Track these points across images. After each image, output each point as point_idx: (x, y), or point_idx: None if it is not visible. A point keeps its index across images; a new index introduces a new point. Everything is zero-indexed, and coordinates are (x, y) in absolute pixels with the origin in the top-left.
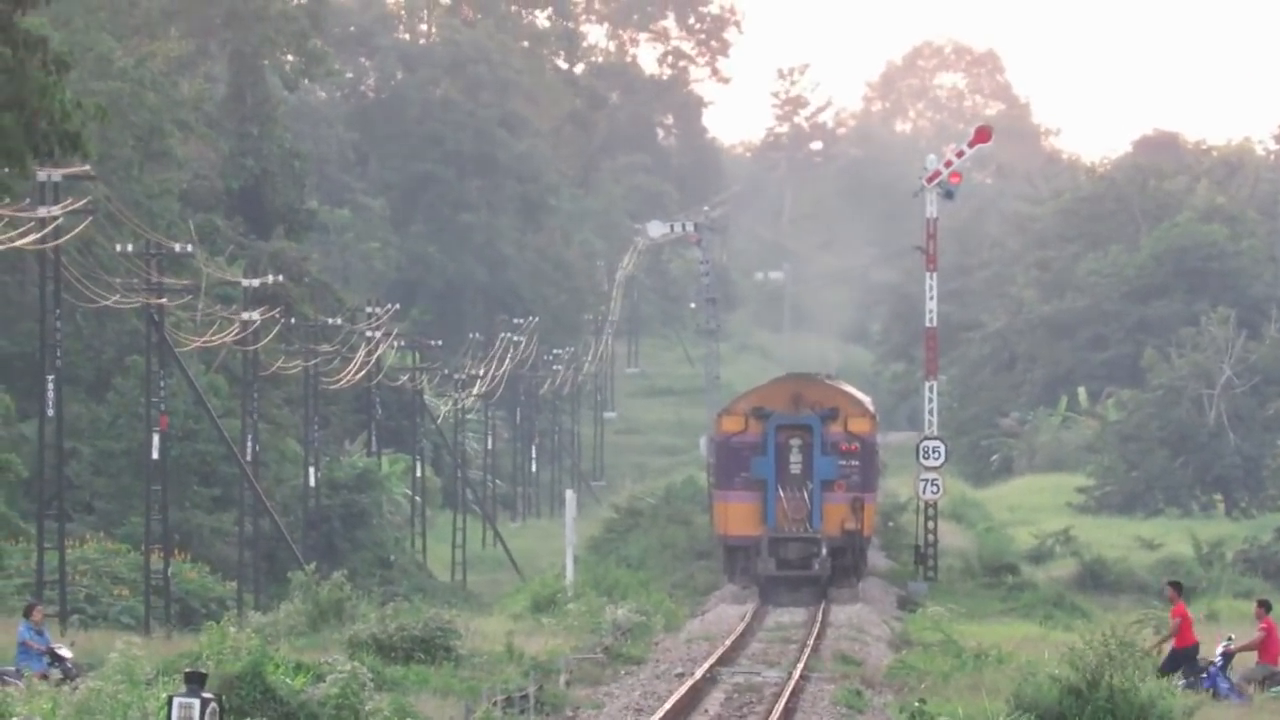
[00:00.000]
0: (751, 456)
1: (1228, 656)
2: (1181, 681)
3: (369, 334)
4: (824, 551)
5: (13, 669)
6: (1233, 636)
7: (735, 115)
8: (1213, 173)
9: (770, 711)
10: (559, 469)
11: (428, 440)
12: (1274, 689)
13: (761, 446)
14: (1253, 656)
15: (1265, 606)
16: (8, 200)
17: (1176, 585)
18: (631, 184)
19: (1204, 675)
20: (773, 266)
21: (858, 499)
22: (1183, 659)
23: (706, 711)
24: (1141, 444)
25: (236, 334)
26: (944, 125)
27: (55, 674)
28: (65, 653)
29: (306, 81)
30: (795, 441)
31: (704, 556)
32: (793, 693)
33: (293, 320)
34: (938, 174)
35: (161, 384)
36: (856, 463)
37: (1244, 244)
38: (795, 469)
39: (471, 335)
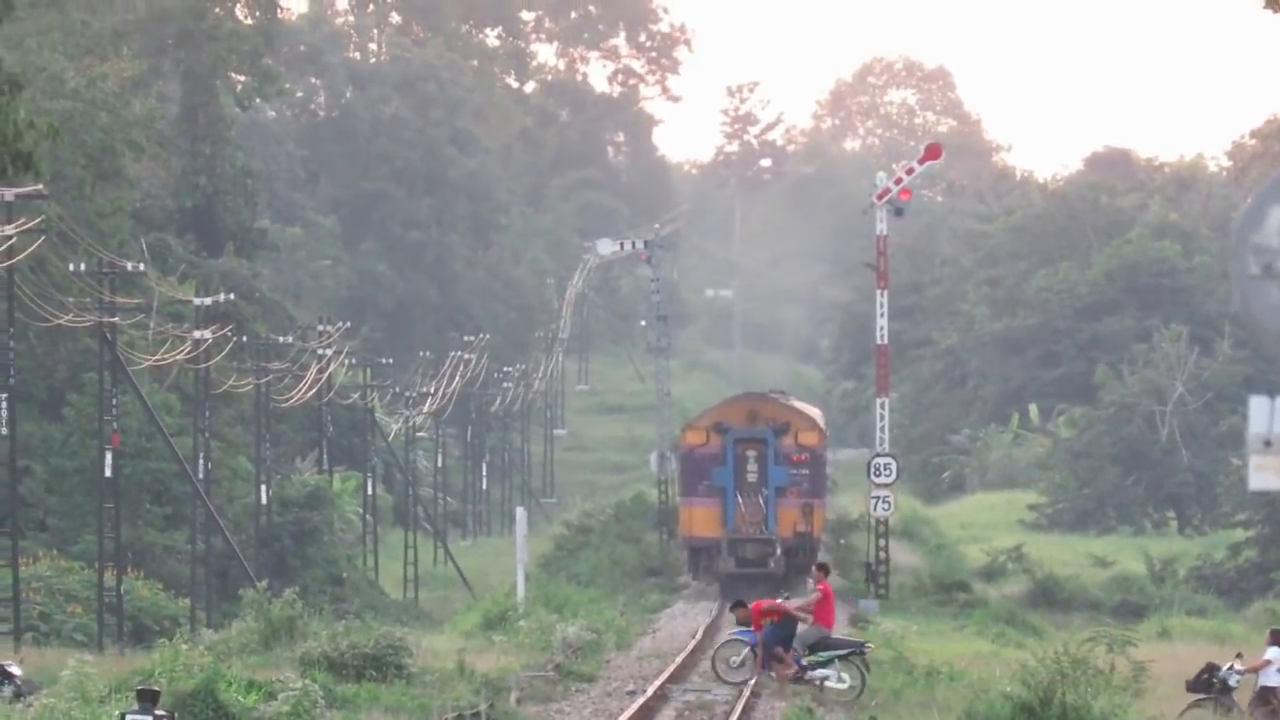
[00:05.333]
0: (712, 466)
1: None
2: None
3: (320, 352)
4: (778, 551)
5: None
6: (787, 595)
7: (685, 133)
8: (1165, 189)
9: None
10: (509, 486)
11: (379, 458)
12: (822, 654)
13: (721, 457)
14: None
15: (824, 570)
16: None
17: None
18: (581, 202)
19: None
20: (723, 284)
21: (808, 504)
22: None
23: None
24: (1094, 461)
25: (188, 352)
26: (894, 142)
27: (6, 692)
28: (15, 670)
29: (258, 100)
30: (751, 453)
31: (655, 574)
32: (744, 710)
33: (244, 338)
34: (888, 191)
35: (114, 402)
36: (807, 471)
37: (1196, 260)
38: (752, 477)
39: (422, 353)
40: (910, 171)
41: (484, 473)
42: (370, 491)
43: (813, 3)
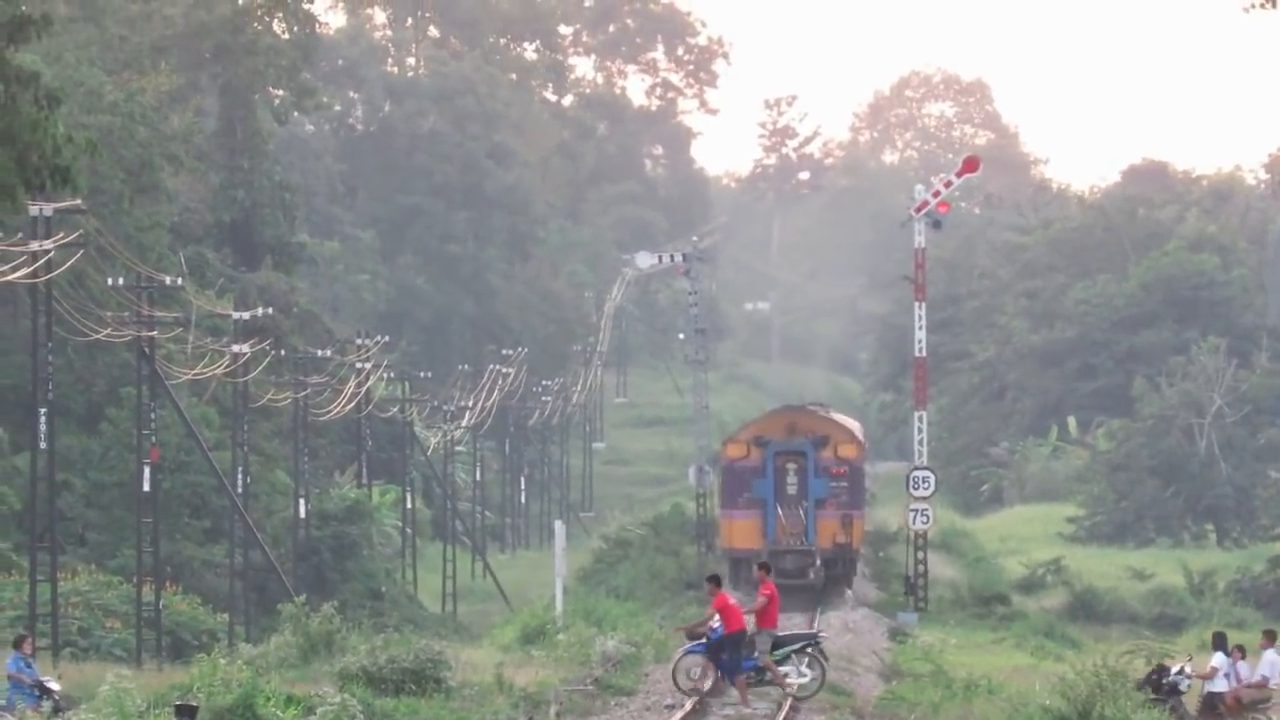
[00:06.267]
0: (753, 479)
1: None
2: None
3: (358, 365)
4: (818, 562)
5: (2, 703)
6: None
7: (723, 146)
8: (1202, 202)
9: None
10: (548, 500)
11: (417, 471)
12: (777, 652)
13: (762, 470)
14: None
15: (766, 569)
16: (0, 234)
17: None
18: (619, 215)
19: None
20: (761, 297)
21: (847, 515)
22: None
23: None
24: (1132, 474)
25: (227, 366)
26: (932, 155)
27: (45, 707)
28: (53, 685)
29: (296, 114)
30: (791, 465)
31: (693, 586)
32: None
33: (282, 352)
34: (926, 204)
35: (152, 416)
36: (846, 484)
37: (1234, 273)
38: (792, 489)
39: (460, 366)
40: (948, 184)
41: (522, 486)
42: (409, 505)
43: (851, 16)
